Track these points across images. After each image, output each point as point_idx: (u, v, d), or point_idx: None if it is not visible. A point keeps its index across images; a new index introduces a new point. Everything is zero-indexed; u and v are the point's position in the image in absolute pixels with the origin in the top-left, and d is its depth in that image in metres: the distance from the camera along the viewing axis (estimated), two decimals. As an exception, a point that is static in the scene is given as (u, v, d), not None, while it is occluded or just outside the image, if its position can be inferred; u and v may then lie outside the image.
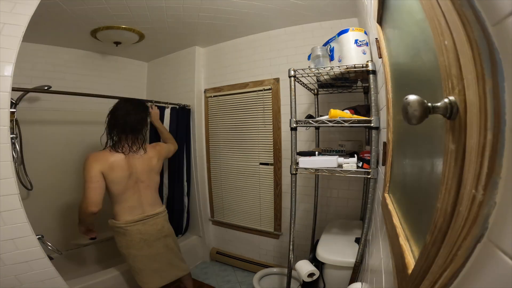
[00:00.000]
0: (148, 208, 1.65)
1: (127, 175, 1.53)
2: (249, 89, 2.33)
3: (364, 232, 1.23)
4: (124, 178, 1.53)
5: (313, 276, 1.39)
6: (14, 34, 1.14)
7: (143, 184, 1.63)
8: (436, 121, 0.38)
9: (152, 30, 2.12)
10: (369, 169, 1.20)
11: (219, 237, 2.73)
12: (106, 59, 2.65)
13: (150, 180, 1.67)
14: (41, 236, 1.35)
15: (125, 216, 1.57)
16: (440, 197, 0.32)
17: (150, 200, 1.67)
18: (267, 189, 2.34)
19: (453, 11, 0.28)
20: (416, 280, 0.38)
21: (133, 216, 1.58)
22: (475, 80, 0.24)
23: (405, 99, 0.30)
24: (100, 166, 1.44)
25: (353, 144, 1.70)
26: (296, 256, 1.59)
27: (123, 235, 1.57)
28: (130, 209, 1.58)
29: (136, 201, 1.60)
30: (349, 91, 1.83)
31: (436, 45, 0.34)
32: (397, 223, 0.60)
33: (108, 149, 1.53)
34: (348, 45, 1.26)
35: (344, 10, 1.78)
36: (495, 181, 0.23)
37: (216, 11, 1.85)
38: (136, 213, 1.60)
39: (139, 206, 1.61)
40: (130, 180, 1.56)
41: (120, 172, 1.50)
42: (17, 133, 1.84)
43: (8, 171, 1.13)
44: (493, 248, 0.23)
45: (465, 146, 0.26)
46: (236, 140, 2.46)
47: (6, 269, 1.16)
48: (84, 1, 1.60)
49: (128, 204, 1.57)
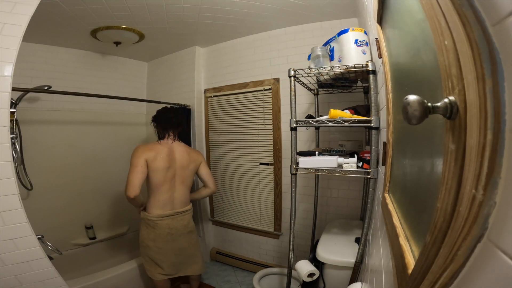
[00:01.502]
0: (178, 204, 1.76)
1: (167, 166, 1.68)
2: (249, 89, 2.33)
3: (364, 232, 1.23)
4: (164, 169, 1.66)
5: (313, 276, 1.39)
6: (14, 34, 1.14)
7: (179, 179, 1.76)
8: (436, 121, 0.38)
9: (152, 30, 2.12)
10: (369, 169, 1.20)
11: (219, 237, 2.73)
12: (106, 59, 2.65)
13: (185, 176, 1.78)
14: (41, 236, 1.35)
15: (157, 210, 1.68)
16: (440, 197, 0.32)
17: (181, 197, 1.78)
18: (267, 189, 2.34)
19: (453, 11, 0.28)
20: (416, 280, 0.38)
21: (164, 210, 1.70)
22: (475, 80, 0.24)
23: (405, 99, 0.30)
24: (145, 154, 1.61)
25: (353, 144, 1.70)
26: (296, 256, 1.59)
27: (152, 228, 1.69)
28: (163, 203, 1.69)
29: (169, 196, 1.72)
30: (349, 91, 1.83)
31: (436, 45, 0.34)
32: (397, 223, 0.60)
33: (156, 141, 1.75)
34: (348, 45, 1.26)
35: (344, 10, 1.78)
36: (495, 181, 0.23)
37: (216, 11, 1.85)
38: (167, 208, 1.71)
39: (170, 201, 1.73)
40: (169, 173, 1.69)
41: (161, 162, 1.65)
42: (17, 133, 1.84)
43: (8, 171, 1.13)
44: (493, 248, 0.23)
45: (465, 146, 0.26)
46: (236, 140, 2.46)
47: (6, 269, 1.16)
48: (84, 1, 1.60)
49: (162, 198, 1.69)
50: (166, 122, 1.76)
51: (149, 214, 1.68)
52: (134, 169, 1.56)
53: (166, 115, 1.78)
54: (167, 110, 1.83)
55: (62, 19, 1.80)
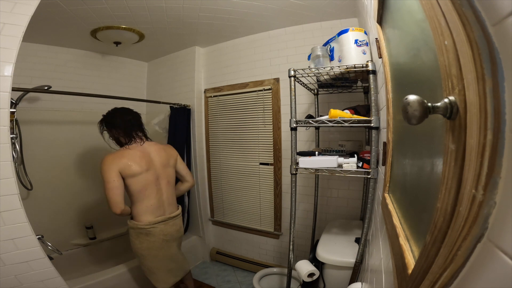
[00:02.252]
0: (168, 208, 1.65)
1: (144, 169, 1.52)
2: (249, 89, 2.33)
3: (364, 232, 1.23)
4: (142, 173, 1.51)
5: (313, 276, 1.39)
6: (14, 34, 1.14)
7: (164, 180, 1.63)
8: (436, 121, 0.38)
9: (152, 30, 2.12)
10: (369, 169, 1.19)
11: (219, 237, 2.73)
12: (106, 59, 2.65)
13: (169, 175, 1.67)
14: (41, 236, 1.35)
15: (147, 216, 1.54)
16: (440, 197, 0.32)
17: (170, 199, 1.67)
18: (267, 189, 2.34)
19: (453, 11, 0.28)
20: (416, 280, 0.38)
21: (155, 216, 1.57)
22: (475, 80, 0.24)
23: (405, 99, 0.30)
24: (116, 164, 1.44)
25: (353, 144, 1.70)
26: (296, 256, 1.59)
27: (145, 236, 1.55)
28: (152, 208, 1.56)
29: (157, 200, 1.58)
30: (349, 91, 1.83)
31: (436, 45, 0.34)
32: (397, 223, 0.60)
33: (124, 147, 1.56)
34: (348, 45, 1.26)
35: (344, 10, 1.78)
36: (495, 181, 0.23)
37: (216, 11, 1.85)
38: (158, 213, 1.58)
39: (160, 205, 1.60)
40: (149, 175, 1.54)
41: (137, 167, 1.49)
42: (17, 133, 1.84)
43: (8, 171, 1.13)
44: (493, 248, 0.23)
45: (465, 146, 0.26)
46: (236, 140, 2.46)
47: (6, 269, 1.16)
48: (84, 1, 1.60)
49: (150, 203, 1.55)
50: (126, 124, 1.56)
51: (139, 222, 1.53)
52: (109, 186, 1.40)
53: (122, 118, 1.58)
54: (121, 111, 1.61)
55: (62, 19, 1.80)
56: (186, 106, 2.48)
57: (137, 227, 1.53)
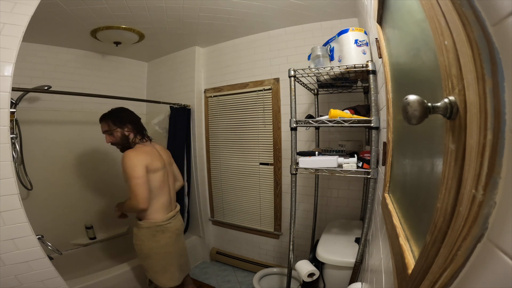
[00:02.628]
0: (174, 204, 1.70)
1: (162, 165, 1.56)
2: (249, 89, 2.33)
3: (364, 232, 1.23)
4: (162, 168, 1.55)
5: (313, 276, 1.39)
6: (14, 34, 1.14)
7: (171, 177, 1.69)
8: (436, 121, 0.38)
9: (152, 30, 2.12)
10: (369, 169, 1.20)
11: (219, 237, 2.73)
12: (106, 59, 2.65)
13: (173, 173, 1.73)
14: (41, 236, 1.35)
15: (161, 213, 1.54)
16: (440, 197, 0.32)
17: (174, 195, 1.72)
18: (267, 189, 2.34)
19: (453, 11, 0.28)
20: (416, 280, 0.38)
21: (167, 213, 1.58)
22: (475, 80, 0.24)
23: (405, 99, 0.30)
24: (143, 159, 1.42)
25: (353, 144, 1.70)
26: (296, 256, 1.59)
27: (161, 233, 1.54)
28: (166, 205, 1.58)
29: (168, 197, 1.61)
30: (349, 91, 1.83)
31: (436, 45, 0.34)
32: (397, 223, 0.60)
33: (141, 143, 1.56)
34: (348, 45, 1.26)
35: (344, 10, 1.78)
36: (495, 181, 0.23)
37: (216, 11, 1.85)
38: (169, 209, 1.62)
39: (170, 202, 1.63)
40: (165, 172, 1.59)
41: (158, 162, 1.53)
42: (17, 133, 1.84)
43: (8, 171, 1.13)
44: (493, 248, 0.23)
45: (465, 146, 0.26)
46: (236, 140, 2.46)
47: (6, 269, 1.16)
48: (84, 1, 1.60)
49: (165, 199, 1.57)
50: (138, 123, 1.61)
51: (155, 220, 1.51)
52: (138, 181, 1.37)
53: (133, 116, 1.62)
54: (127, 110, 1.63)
55: (62, 19, 1.80)
56: (186, 106, 2.48)
57: (155, 225, 1.51)
